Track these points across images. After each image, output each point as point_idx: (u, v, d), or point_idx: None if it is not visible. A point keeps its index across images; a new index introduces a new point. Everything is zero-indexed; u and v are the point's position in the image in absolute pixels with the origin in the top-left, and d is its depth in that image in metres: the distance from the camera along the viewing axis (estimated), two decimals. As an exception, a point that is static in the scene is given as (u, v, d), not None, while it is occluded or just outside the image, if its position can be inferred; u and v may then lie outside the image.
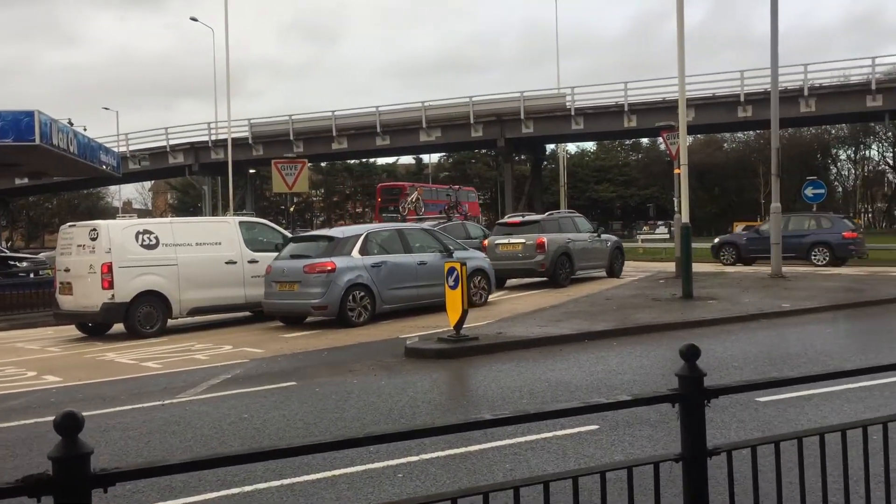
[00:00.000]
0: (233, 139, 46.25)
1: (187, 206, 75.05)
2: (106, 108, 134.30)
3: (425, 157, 75.33)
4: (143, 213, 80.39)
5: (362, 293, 14.55)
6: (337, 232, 16.19)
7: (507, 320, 13.96)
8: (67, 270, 14.90)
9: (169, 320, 15.00)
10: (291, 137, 51.06)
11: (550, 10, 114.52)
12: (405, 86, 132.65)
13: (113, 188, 79.14)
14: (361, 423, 7.36)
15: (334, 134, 50.69)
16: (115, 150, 36.26)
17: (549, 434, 6.49)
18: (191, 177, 58.03)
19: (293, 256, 15.22)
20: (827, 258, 24.74)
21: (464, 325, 11.41)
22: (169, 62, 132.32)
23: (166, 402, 8.63)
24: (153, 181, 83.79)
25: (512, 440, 6.40)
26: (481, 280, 16.78)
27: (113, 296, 14.26)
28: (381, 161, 76.11)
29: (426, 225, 19.86)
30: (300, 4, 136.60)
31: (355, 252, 14.82)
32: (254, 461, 2.44)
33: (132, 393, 9.28)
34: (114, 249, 14.35)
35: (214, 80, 47.22)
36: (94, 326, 15.18)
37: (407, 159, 76.33)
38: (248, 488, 5.52)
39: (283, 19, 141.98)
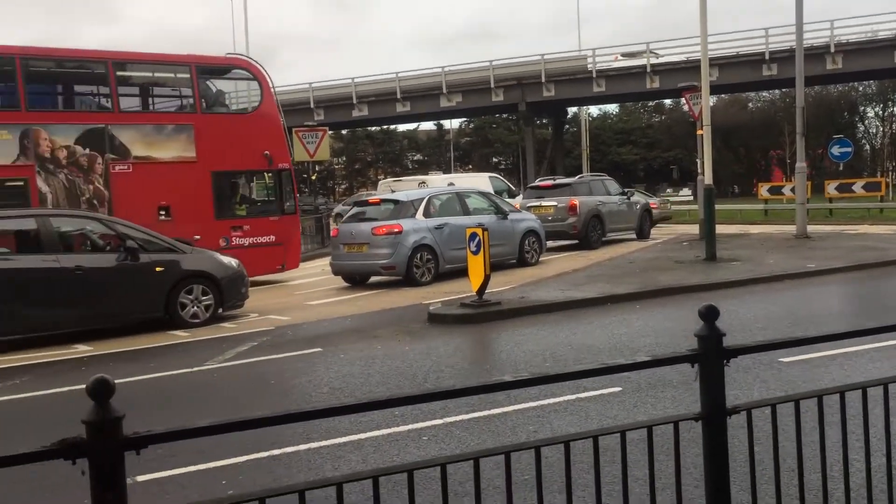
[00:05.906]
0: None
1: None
2: None
3: (446, 123, 75.00)
4: None
5: (427, 254, 15.10)
6: (402, 195, 16.50)
7: (531, 284, 13.97)
8: None
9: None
10: (312, 105, 50.86)
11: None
12: (431, 57, 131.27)
13: None
14: (386, 388, 7.46)
15: (354, 101, 50.46)
16: None
17: (573, 396, 6.54)
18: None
19: (360, 219, 15.69)
20: None
21: (487, 290, 11.45)
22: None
23: (194, 368, 8.80)
24: None
25: (535, 403, 6.46)
26: (534, 241, 17.40)
27: None
28: (402, 128, 75.80)
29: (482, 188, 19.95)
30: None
31: (419, 214, 15.40)
32: (281, 423, 2.48)
33: (162, 364, 9.47)
34: None
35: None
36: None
37: (428, 125, 75.98)
38: (276, 452, 5.64)
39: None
